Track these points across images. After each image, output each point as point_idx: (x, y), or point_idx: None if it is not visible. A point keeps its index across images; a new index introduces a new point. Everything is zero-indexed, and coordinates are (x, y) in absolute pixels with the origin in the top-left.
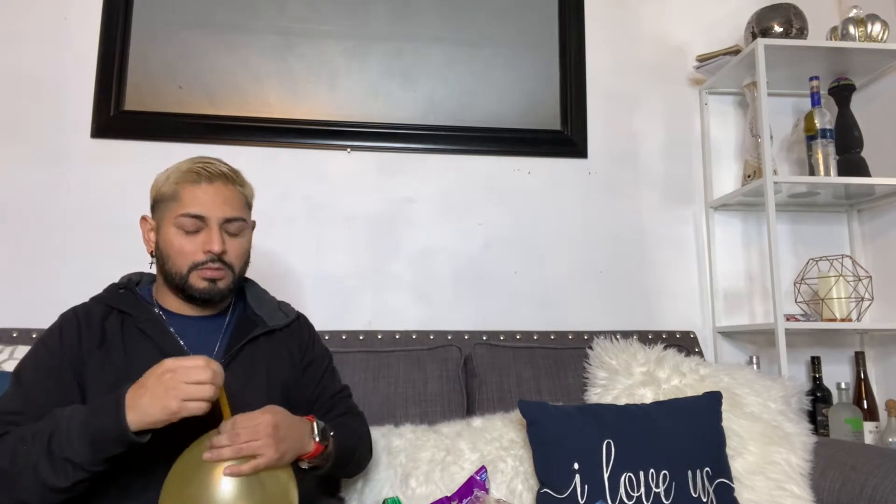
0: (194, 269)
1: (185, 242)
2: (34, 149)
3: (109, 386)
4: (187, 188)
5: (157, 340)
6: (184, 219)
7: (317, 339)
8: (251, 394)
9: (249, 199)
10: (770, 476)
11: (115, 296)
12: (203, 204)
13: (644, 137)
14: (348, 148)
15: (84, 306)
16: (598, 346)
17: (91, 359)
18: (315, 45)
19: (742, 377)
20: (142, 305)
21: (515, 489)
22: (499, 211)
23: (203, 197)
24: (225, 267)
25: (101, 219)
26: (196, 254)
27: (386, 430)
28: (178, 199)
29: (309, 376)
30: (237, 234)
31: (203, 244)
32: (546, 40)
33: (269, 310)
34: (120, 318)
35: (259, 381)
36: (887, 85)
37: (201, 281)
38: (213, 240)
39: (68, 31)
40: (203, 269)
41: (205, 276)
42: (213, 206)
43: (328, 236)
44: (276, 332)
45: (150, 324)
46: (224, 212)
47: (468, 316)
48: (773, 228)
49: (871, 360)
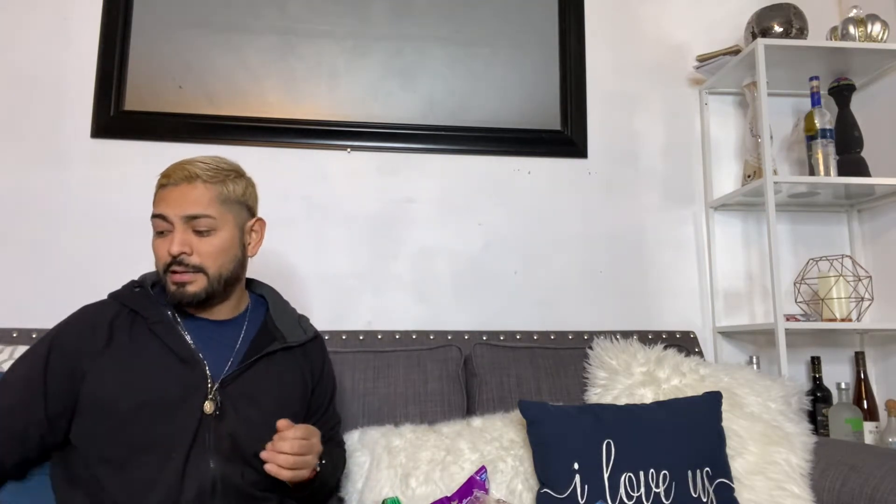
0: (166, 272)
1: (157, 246)
2: (34, 149)
3: (110, 386)
4: (158, 192)
5: (167, 342)
6: (153, 220)
7: (328, 363)
8: (260, 407)
9: (232, 196)
10: (770, 476)
11: (130, 294)
12: (166, 205)
13: (644, 137)
14: (348, 148)
15: (98, 305)
16: (598, 346)
17: (94, 362)
18: (315, 45)
19: (742, 377)
20: (155, 306)
21: (515, 489)
22: (499, 211)
23: (167, 197)
24: (191, 270)
25: (101, 219)
26: (164, 256)
27: (386, 430)
28: (154, 202)
29: (315, 401)
30: (206, 232)
31: (168, 245)
32: (546, 40)
33: (289, 324)
34: (130, 318)
35: (270, 395)
36: (887, 85)
37: (172, 285)
38: (173, 240)
39: (68, 31)
40: (170, 272)
41: (173, 279)
42: (173, 205)
43: (328, 236)
44: (293, 349)
45: (162, 326)
46: (184, 210)
47: (468, 316)
48: (773, 228)
49: (871, 360)
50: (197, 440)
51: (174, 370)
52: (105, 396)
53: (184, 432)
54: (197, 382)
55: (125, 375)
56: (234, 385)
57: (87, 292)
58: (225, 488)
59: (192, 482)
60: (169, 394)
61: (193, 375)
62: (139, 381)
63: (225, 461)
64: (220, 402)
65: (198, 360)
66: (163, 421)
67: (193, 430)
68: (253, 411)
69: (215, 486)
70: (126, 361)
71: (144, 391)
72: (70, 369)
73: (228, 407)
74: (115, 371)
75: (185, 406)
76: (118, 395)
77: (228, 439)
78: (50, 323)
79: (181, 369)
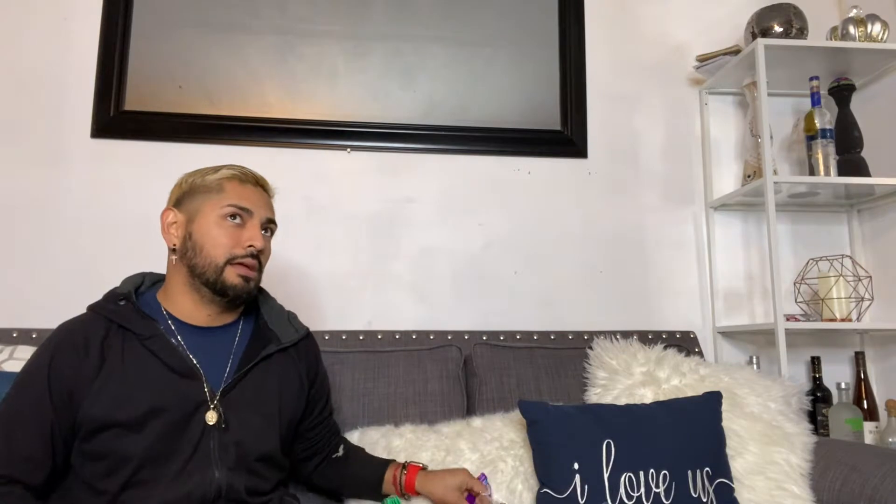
0: (231, 262)
1: (224, 233)
2: (34, 149)
3: (107, 405)
4: (234, 184)
5: (162, 357)
6: (230, 208)
7: (320, 358)
8: (262, 412)
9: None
10: (770, 476)
11: (116, 309)
12: (251, 201)
13: (644, 137)
14: (348, 148)
15: (82, 323)
16: (598, 346)
17: (89, 386)
18: (315, 45)
19: (742, 377)
20: (145, 320)
21: (515, 489)
22: (499, 211)
23: (252, 196)
24: (259, 266)
25: (100, 218)
26: (235, 247)
27: (386, 430)
28: (223, 191)
29: (314, 397)
30: (269, 238)
31: (246, 238)
32: (546, 40)
33: (281, 323)
34: (121, 336)
35: (271, 399)
36: (887, 85)
37: (236, 277)
38: (257, 236)
39: (68, 31)
40: (240, 264)
41: (240, 272)
42: (259, 204)
43: (328, 236)
44: (287, 349)
45: (156, 340)
46: (268, 212)
47: (468, 316)
48: (773, 228)
49: (871, 360)
50: (201, 452)
51: (172, 385)
52: (102, 415)
53: (187, 445)
54: (197, 395)
55: (122, 393)
56: (235, 393)
57: (87, 292)
58: (229, 497)
59: (198, 494)
60: (169, 409)
61: (192, 388)
62: (137, 398)
63: (230, 471)
64: (223, 412)
65: (196, 373)
66: (165, 436)
67: (196, 442)
68: (256, 418)
69: (220, 495)
70: (122, 381)
71: (143, 407)
72: (69, 394)
73: (231, 416)
74: (111, 391)
75: (187, 420)
76: (116, 412)
77: (234, 448)
78: (49, 323)
79: (179, 383)
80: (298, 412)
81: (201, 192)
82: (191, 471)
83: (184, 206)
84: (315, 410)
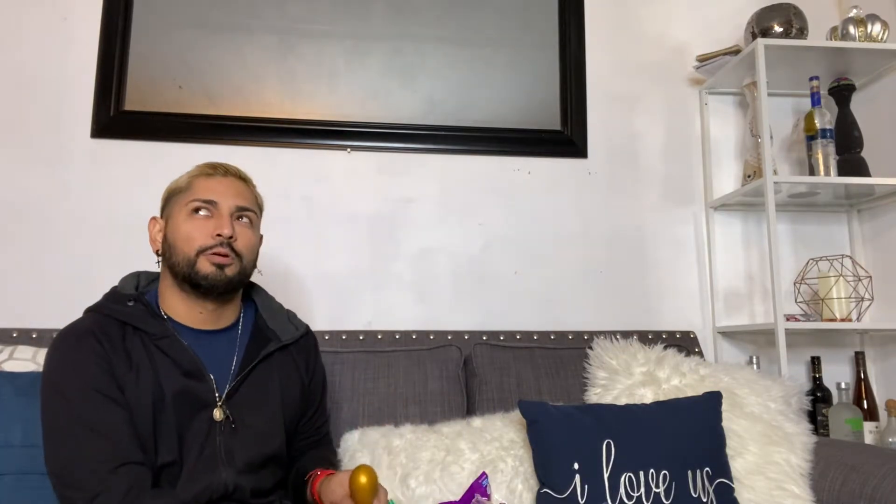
0: (202, 252)
1: (193, 227)
2: (34, 149)
3: (145, 408)
4: (201, 180)
5: (173, 356)
6: (194, 203)
7: (319, 356)
8: (266, 412)
9: (260, 203)
10: (770, 476)
11: (127, 310)
12: (216, 192)
13: (644, 137)
14: (348, 148)
15: (96, 323)
16: (598, 346)
17: (123, 383)
18: (315, 45)
19: (742, 377)
20: (157, 321)
21: (515, 489)
22: (499, 211)
23: (217, 187)
24: (233, 254)
25: (101, 218)
26: (205, 238)
27: (386, 430)
28: (191, 188)
29: (310, 395)
30: (247, 225)
31: (214, 228)
32: (546, 40)
33: (280, 322)
34: (138, 336)
35: (274, 398)
36: (887, 85)
37: (209, 266)
38: (225, 224)
39: (68, 31)
40: (211, 253)
41: (213, 260)
42: (225, 194)
43: (328, 236)
44: (287, 347)
45: (168, 341)
46: (236, 201)
47: (468, 316)
48: (773, 228)
49: (871, 360)
50: (207, 453)
51: (184, 386)
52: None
53: (194, 446)
54: (205, 396)
55: (155, 395)
56: (239, 394)
57: (87, 292)
58: (234, 498)
59: (204, 495)
60: (181, 410)
61: (201, 389)
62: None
63: (236, 471)
64: (229, 413)
65: (205, 375)
66: (175, 437)
67: (201, 443)
68: (260, 418)
69: (226, 496)
70: (152, 380)
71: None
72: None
73: (237, 418)
74: (145, 390)
75: (195, 420)
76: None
77: (239, 449)
78: (49, 323)
79: (188, 384)
80: (299, 410)
81: (175, 194)
82: (198, 472)
83: (164, 212)
84: (311, 408)
